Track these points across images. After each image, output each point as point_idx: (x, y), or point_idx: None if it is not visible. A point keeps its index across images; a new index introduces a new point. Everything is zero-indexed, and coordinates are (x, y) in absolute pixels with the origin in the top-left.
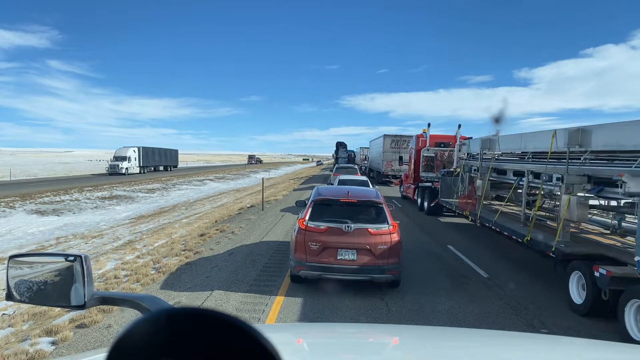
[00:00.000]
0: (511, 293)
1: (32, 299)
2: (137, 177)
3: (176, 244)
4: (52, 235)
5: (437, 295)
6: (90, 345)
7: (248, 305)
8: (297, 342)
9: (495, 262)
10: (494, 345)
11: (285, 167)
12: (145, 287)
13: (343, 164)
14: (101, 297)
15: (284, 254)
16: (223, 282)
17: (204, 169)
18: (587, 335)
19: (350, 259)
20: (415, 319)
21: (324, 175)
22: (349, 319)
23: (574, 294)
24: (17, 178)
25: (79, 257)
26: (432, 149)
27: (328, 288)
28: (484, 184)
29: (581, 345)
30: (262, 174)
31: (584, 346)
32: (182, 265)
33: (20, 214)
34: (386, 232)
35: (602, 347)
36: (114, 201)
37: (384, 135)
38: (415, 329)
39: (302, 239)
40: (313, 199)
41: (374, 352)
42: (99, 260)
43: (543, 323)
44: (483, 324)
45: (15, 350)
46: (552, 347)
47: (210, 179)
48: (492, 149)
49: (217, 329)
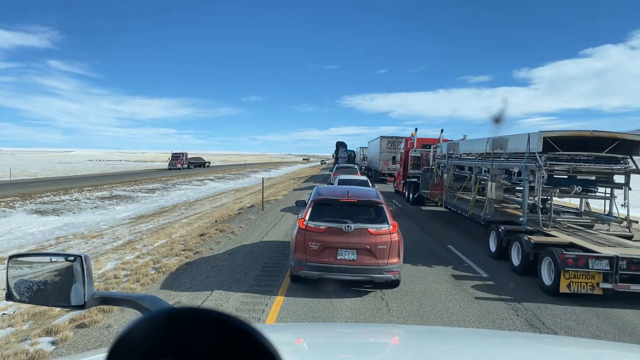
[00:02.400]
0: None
1: (32, 299)
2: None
3: (176, 244)
4: (52, 235)
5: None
6: (90, 345)
7: (248, 305)
8: (297, 342)
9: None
10: (494, 345)
11: (285, 167)
12: (145, 287)
13: (343, 163)
14: (101, 297)
15: (284, 254)
16: (223, 282)
17: (204, 169)
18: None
19: (350, 259)
20: (415, 319)
21: (324, 175)
22: (349, 319)
23: (492, 245)
24: (17, 178)
25: (79, 257)
26: (419, 150)
27: (328, 288)
28: (448, 177)
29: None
30: (262, 174)
31: (584, 346)
32: (182, 265)
33: (20, 214)
34: (386, 232)
35: (602, 347)
36: (114, 201)
37: (381, 136)
38: (415, 329)
39: (302, 238)
40: (313, 198)
41: (374, 352)
42: (99, 260)
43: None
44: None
45: (15, 350)
46: (552, 347)
47: (210, 179)
48: (455, 151)
49: (217, 329)
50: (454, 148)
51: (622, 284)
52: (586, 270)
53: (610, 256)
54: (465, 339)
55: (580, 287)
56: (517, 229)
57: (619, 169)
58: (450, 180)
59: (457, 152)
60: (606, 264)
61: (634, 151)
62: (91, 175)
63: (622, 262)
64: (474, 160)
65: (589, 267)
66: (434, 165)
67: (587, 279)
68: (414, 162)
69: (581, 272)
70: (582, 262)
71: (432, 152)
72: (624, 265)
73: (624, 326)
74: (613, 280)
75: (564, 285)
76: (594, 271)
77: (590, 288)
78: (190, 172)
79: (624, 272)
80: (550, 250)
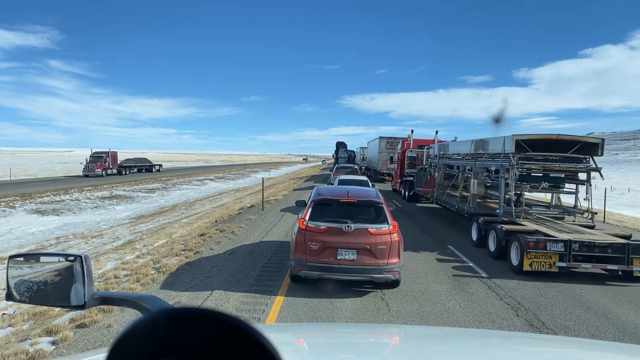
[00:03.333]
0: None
1: (32, 299)
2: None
3: (176, 244)
4: (52, 235)
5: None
6: (90, 345)
7: (248, 305)
8: (297, 342)
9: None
10: (494, 345)
11: (285, 167)
12: (145, 287)
13: (343, 163)
14: (101, 297)
15: (284, 254)
16: (223, 282)
17: (204, 169)
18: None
19: (350, 259)
20: (415, 319)
21: (324, 175)
22: (349, 319)
23: (474, 235)
24: (17, 178)
25: (79, 257)
26: (415, 150)
27: (328, 288)
28: (439, 176)
29: (581, 345)
30: (262, 174)
31: (584, 346)
32: (182, 265)
33: (20, 214)
34: (386, 232)
35: (602, 347)
36: (114, 201)
37: (380, 137)
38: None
39: (302, 239)
40: (313, 198)
41: (374, 352)
42: (99, 260)
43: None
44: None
45: (16, 350)
46: (553, 347)
47: (210, 179)
48: (445, 152)
49: (217, 329)
50: (444, 149)
51: (575, 263)
52: (545, 252)
53: (565, 240)
54: (465, 339)
55: (540, 265)
56: (494, 219)
57: (582, 167)
58: (441, 179)
59: (447, 153)
60: (561, 247)
61: (594, 152)
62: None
63: (575, 245)
64: (461, 160)
65: (547, 249)
66: (427, 165)
67: (546, 259)
68: (410, 162)
69: (541, 253)
70: (542, 245)
71: (425, 153)
72: (577, 248)
73: (624, 326)
74: (567, 260)
75: (527, 264)
76: (552, 252)
77: (548, 266)
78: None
79: (577, 253)
80: (517, 236)
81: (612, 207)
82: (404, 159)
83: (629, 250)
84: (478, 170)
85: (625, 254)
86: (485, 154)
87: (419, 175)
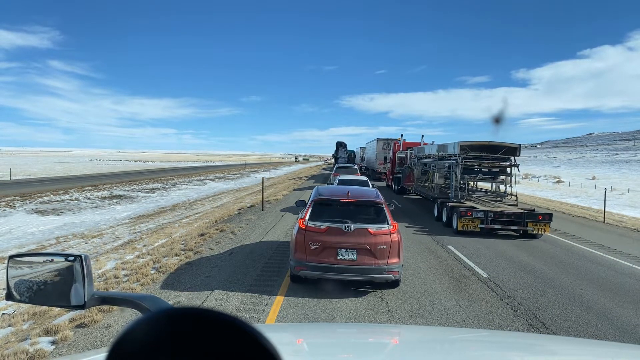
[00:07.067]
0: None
1: (32, 299)
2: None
3: (176, 244)
4: (52, 235)
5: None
6: (90, 345)
7: (248, 305)
8: (297, 342)
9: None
10: (495, 345)
11: (285, 166)
12: (145, 287)
13: (343, 163)
14: (101, 297)
15: (284, 253)
16: (223, 281)
17: (204, 169)
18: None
19: (350, 259)
20: (415, 319)
21: (324, 175)
22: (349, 319)
23: (435, 212)
24: (17, 178)
25: (79, 257)
26: (404, 152)
27: (328, 288)
28: (417, 171)
29: (581, 346)
30: (262, 174)
31: (584, 346)
32: (182, 265)
33: (20, 214)
34: (386, 232)
35: (602, 347)
36: (114, 201)
37: (377, 138)
38: (415, 329)
39: (302, 239)
40: (313, 198)
41: (374, 352)
42: (99, 259)
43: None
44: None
45: (15, 349)
46: (553, 347)
47: (210, 179)
48: (422, 153)
49: (217, 329)
50: (421, 151)
51: (490, 226)
52: (471, 218)
53: (484, 210)
54: (465, 338)
55: (468, 226)
56: (447, 200)
57: (506, 164)
58: (419, 174)
59: (423, 154)
60: (482, 215)
61: (515, 153)
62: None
63: (490, 214)
64: (430, 160)
65: (473, 216)
66: (410, 164)
67: (472, 222)
68: (400, 162)
69: (469, 219)
70: (470, 214)
71: (409, 153)
72: (492, 215)
73: (624, 326)
74: (486, 223)
75: (460, 226)
76: (475, 218)
77: (473, 227)
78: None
79: (492, 219)
80: (457, 209)
81: (612, 207)
82: (395, 158)
83: (524, 217)
84: (440, 166)
85: (522, 219)
86: (444, 155)
87: (404, 172)
